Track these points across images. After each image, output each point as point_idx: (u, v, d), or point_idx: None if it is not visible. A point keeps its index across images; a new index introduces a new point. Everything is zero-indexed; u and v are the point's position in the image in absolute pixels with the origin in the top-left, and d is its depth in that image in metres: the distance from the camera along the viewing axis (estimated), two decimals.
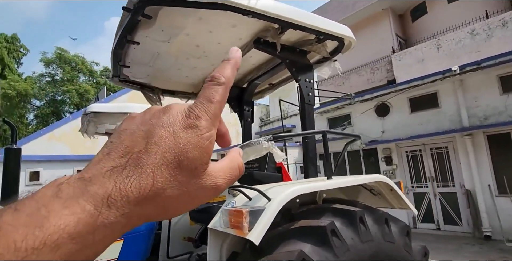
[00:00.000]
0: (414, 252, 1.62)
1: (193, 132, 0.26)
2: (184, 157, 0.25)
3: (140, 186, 0.23)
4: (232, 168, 0.31)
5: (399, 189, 1.80)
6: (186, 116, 0.27)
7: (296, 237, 1.25)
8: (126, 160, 0.24)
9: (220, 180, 0.28)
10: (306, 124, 2.02)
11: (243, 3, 1.52)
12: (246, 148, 1.45)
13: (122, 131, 0.27)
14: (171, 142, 0.25)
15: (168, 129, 0.26)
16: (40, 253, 0.19)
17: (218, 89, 0.29)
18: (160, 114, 0.28)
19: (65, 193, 0.22)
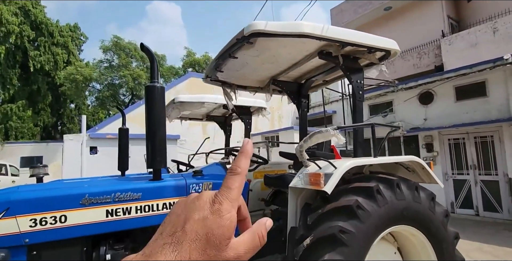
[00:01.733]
0: (437, 214, 2.23)
1: (217, 214, 0.35)
2: (211, 234, 0.33)
3: (180, 258, 0.31)
4: (253, 240, 0.37)
5: (429, 168, 2.38)
6: (213, 202, 0.36)
7: (352, 192, 1.94)
8: (171, 239, 0.33)
9: (242, 252, 0.35)
10: (357, 117, 2.63)
11: (317, 33, 2.15)
12: (317, 134, 2.14)
13: (172, 213, 0.37)
14: (202, 222, 0.34)
15: (200, 213, 0.35)
16: None
17: (236, 178, 0.38)
18: (195, 200, 0.37)
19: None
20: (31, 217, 1.68)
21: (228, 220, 0.34)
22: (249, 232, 0.37)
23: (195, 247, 0.32)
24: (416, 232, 2.11)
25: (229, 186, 0.37)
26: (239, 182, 0.38)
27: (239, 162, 0.40)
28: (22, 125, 21.46)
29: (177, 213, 0.36)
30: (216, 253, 0.32)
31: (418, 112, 8.04)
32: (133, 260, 0.32)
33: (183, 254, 0.31)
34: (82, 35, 27.20)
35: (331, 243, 1.74)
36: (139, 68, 23.33)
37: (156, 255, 0.31)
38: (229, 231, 0.34)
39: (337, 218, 1.82)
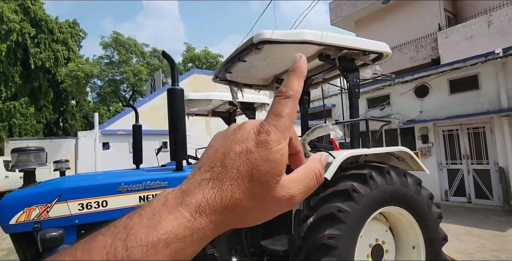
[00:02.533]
0: (422, 197, 2.56)
1: (264, 146, 0.29)
2: (255, 171, 0.28)
3: (221, 197, 0.28)
4: (308, 178, 0.32)
5: (417, 157, 2.70)
6: (258, 132, 0.30)
7: (348, 178, 2.26)
8: (210, 174, 0.29)
9: (295, 191, 0.30)
10: (353, 113, 2.94)
11: (317, 40, 2.44)
12: (318, 128, 2.45)
13: (210, 147, 0.33)
14: (245, 157, 0.29)
15: (242, 146, 0.30)
16: (157, 248, 0.25)
17: (287, 102, 0.31)
18: (236, 131, 0.32)
19: (170, 202, 0.28)
20: (79, 202, 2.01)
21: (278, 154, 0.29)
22: (303, 168, 0.33)
23: (237, 185, 0.28)
24: (404, 212, 2.44)
25: (278, 113, 0.31)
26: (291, 107, 0.31)
27: (291, 83, 0.32)
28: (25, 123, 21.74)
29: (215, 146, 0.32)
30: (263, 192, 0.29)
31: (414, 105, 8.35)
32: (170, 194, 0.29)
33: (223, 193, 0.28)
34: (81, 31, 27.24)
35: (330, 220, 2.08)
36: (139, 63, 23.49)
37: (193, 191, 0.28)
38: (278, 166, 0.29)
39: (335, 199, 2.15)
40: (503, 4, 10.66)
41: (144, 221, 0.26)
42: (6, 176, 13.29)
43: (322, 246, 2.01)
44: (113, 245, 0.25)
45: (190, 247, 0.27)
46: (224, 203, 0.28)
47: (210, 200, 0.28)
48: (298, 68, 0.34)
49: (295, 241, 2.21)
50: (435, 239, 2.54)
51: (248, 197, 0.28)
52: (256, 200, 0.29)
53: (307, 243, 2.09)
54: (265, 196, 0.29)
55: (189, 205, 0.27)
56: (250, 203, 0.29)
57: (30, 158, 2.00)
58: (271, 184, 0.29)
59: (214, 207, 0.28)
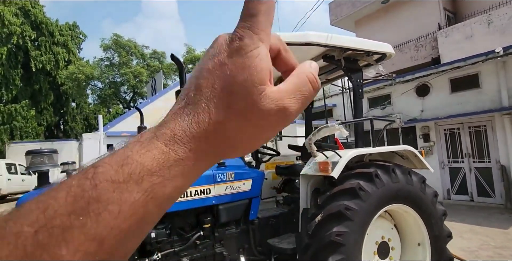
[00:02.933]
0: (427, 195, 2.60)
1: (237, 53, 0.25)
2: (232, 83, 0.24)
3: (198, 121, 0.24)
4: (300, 83, 0.27)
5: (421, 155, 2.75)
6: (230, 41, 0.25)
7: (355, 177, 2.30)
8: (185, 101, 0.26)
9: (288, 101, 0.25)
10: (357, 113, 2.98)
11: (322, 41, 2.49)
12: (324, 128, 2.49)
13: (191, 77, 0.28)
14: (219, 71, 0.25)
15: (214, 60, 0.25)
16: (128, 184, 0.22)
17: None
18: (209, 48, 0.27)
19: (144, 137, 0.25)
20: None
21: (256, 58, 0.25)
22: (293, 75, 0.28)
23: (214, 104, 0.25)
24: (409, 210, 2.48)
25: (250, 12, 0.26)
26: (266, 3, 0.26)
27: None
28: (26, 125, 21.79)
29: (195, 73, 0.27)
30: (246, 107, 0.25)
31: (415, 104, 8.39)
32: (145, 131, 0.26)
33: (200, 116, 0.24)
34: (81, 33, 27.34)
35: (338, 218, 2.12)
36: (140, 65, 23.55)
37: (168, 122, 0.25)
38: (259, 73, 0.25)
39: (342, 198, 2.19)
40: (502, 3, 10.71)
41: (114, 158, 0.24)
42: (9, 178, 13.32)
43: (330, 243, 2.05)
44: (79, 185, 0.22)
45: (170, 181, 0.24)
46: (202, 128, 0.24)
47: (185, 127, 0.24)
48: None
49: (303, 239, 2.25)
50: (440, 236, 2.58)
51: (229, 116, 0.25)
52: (239, 119, 0.25)
53: (315, 240, 2.13)
54: (250, 112, 0.25)
55: (163, 136, 0.24)
56: (233, 123, 0.25)
57: (44, 159, 2.04)
58: (253, 96, 0.25)
59: (191, 133, 0.24)
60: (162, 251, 2.28)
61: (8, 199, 13.89)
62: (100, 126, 6.58)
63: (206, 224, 2.45)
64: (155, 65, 24.35)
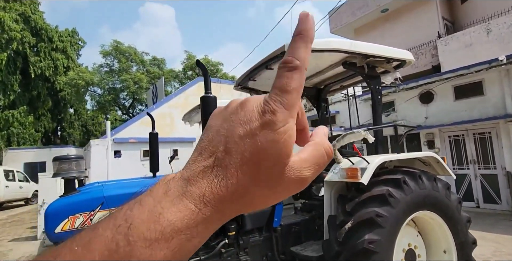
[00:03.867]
0: (452, 201, 2.59)
1: (269, 127, 0.26)
2: (262, 155, 0.26)
3: (227, 185, 0.26)
4: (318, 156, 0.29)
5: (443, 161, 2.75)
6: (262, 112, 0.27)
7: (383, 183, 2.29)
8: (213, 160, 0.27)
9: (306, 172, 0.28)
10: (377, 120, 2.99)
11: (346, 47, 2.50)
12: (349, 134, 2.49)
13: (209, 128, 0.29)
14: (249, 140, 0.26)
15: (246, 127, 0.27)
16: (160, 242, 0.24)
17: (293, 75, 0.27)
18: (238, 110, 0.28)
19: (172, 191, 0.26)
20: None
21: (285, 134, 0.27)
22: (312, 145, 0.30)
23: (243, 171, 0.26)
24: (435, 216, 2.47)
25: (283, 87, 0.27)
26: (298, 80, 0.28)
27: (296, 50, 0.28)
28: (24, 131, 21.56)
29: (215, 127, 0.29)
30: (271, 177, 0.27)
31: (419, 111, 8.46)
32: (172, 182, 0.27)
33: (229, 180, 0.26)
34: (80, 40, 27.40)
35: (369, 225, 2.10)
36: (139, 72, 23.56)
37: (196, 180, 0.26)
38: (287, 148, 0.27)
39: (372, 204, 2.17)
40: (501, 13, 10.95)
41: (146, 214, 0.25)
42: (6, 186, 13.12)
43: (363, 250, 2.02)
44: (114, 240, 0.23)
45: (195, 238, 0.26)
46: (230, 191, 0.26)
47: (215, 189, 0.26)
48: (305, 30, 0.29)
49: (332, 246, 2.22)
50: (466, 243, 2.56)
51: (255, 183, 0.26)
52: (264, 186, 0.27)
53: (346, 248, 2.11)
54: (274, 181, 0.27)
55: (192, 196, 0.26)
56: (258, 189, 0.27)
57: (72, 166, 2.01)
58: (279, 168, 0.27)
59: (219, 196, 0.26)
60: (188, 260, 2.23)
61: (5, 206, 13.64)
62: (108, 132, 6.53)
63: (231, 232, 2.41)
64: (155, 72, 24.37)
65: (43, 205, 7.05)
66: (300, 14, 0.29)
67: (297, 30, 0.29)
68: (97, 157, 6.26)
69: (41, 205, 7.07)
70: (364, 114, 9.89)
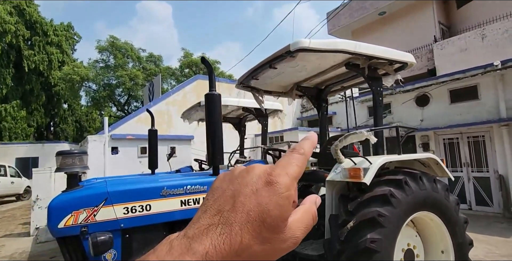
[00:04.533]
0: (451, 202, 2.64)
1: (274, 190, 0.29)
2: (267, 215, 0.28)
3: (230, 243, 0.27)
4: (308, 219, 0.33)
5: (442, 163, 2.79)
6: (268, 175, 0.30)
7: (385, 184, 2.32)
8: (218, 218, 0.28)
9: (298, 232, 0.31)
10: (378, 121, 3.02)
11: (351, 49, 2.53)
12: (352, 135, 2.51)
13: (215, 188, 0.32)
14: (255, 200, 0.29)
15: (252, 188, 0.30)
16: None
17: (299, 157, 0.33)
18: (245, 174, 0.32)
19: (175, 249, 0.27)
20: (124, 206, 2.00)
21: (287, 200, 0.30)
22: (302, 210, 0.33)
23: (247, 230, 0.28)
24: (434, 217, 2.51)
25: (290, 161, 0.32)
26: (302, 162, 0.33)
27: (304, 145, 0.35)
28: (16, 126, 21.22)
29: (221, 188, 0.32)
30: (273, 236, 0.29)
31: (415, 114, 8.56)
32: (175, 241, 0.28)
33: (233, 238, 0.27)
34: (76, 34, 27.05)
35: (371, 224, 2.12)
36: (135, 68, 23.38)
37: (200, 238, 0.27)
38: (287, 212, 0.30)
39: (374, 204, 2.20)
40: (496, 19, 11.14)
41: None
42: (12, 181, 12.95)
43: (365, 250, 2.05)
44: None
45: None
46: (233, 249, 0.27)
47: (218, 247, 0.27)
48: (312, 138, 0.37)
49: (334, 245, 2.24)
50: (463, 243, 2.61)
51: (258, 241, 0.28)
52: (265, 244, 0.28)
53: (348, 247, 2.13)
54: (274, 240, 0.29)
55: (195, 253, 0.26)
56: (259, 247, 0.28)
57: (75, 161, 1.99)
58: (280, 228, 0.29)
59: (222, 253, 0.26)
60: None
61: None
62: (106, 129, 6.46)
63: None
64: (152, 69, 24.21)
65: (36, 201, 6.96)
66: (310, 132, 0.39)
67: (306, 136, 0.38)
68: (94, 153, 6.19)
69: (34, 201, 6.97)
70: (361, 116, 9.97)
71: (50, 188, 6.97)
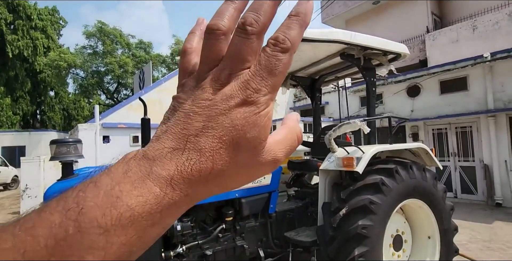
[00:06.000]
0: (438, 190, 2.73)
1: (250, 109, 0.25)
2: (242, 138, 0.25)
3: (200, 169, 0.24)
4: (291, 139, 0.30)
5: (432, 153, 2.87)
6: (244, 88, 0.25)
7: (376, 172, 2.38)
8: (184, 143, 0.24)
9: (280, 153, 0.28)
10: (371, 111, 3.06)
11: (347, 39, 2.53)
12: (345, 125, 2.55)
13: (177, 105, 0.27)
14: (228, 123, 0.25)
15: (223, 109, 0.25)
16: (116, 228, 0.21)
17: (282, 57, 0.25)
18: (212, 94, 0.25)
19: (134, 171, 0.23)
20: None
21: (265, 117, 0.26)
22: (285, 129, 0.30)
23: (220, 155, 0.24)
24: (423, 205, 2.61)
25: (270, 70, 0.25)
26: (286, 64, 0.26)
27: (291, 31, 0.26)
28: (0, 114, 20.65)
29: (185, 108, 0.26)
30: (248, 159, 0.26)
31: (405, 104, 8.69)
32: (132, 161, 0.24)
33: (203, 164, 0.24)
34: (61, 19, 26.07)
35: (363, 212, 2.19)
36: (125, 55, 22.81)
37: (163, 162, 0.24)
38: (265, 131, 0.26)
39: (366, 192, 2.26)
40: (487, 10, 11.22)
41: (101, 197, 0.22)
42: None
43: (356, 235, 2.12)
44: (62, 225, 0.21)
45: (158, 224, 0.24)
46: (204, 175, 0.24)
47: (185, 173, 0.24)
48: (304, 14, 0.27)
49: (326, 231, 2.31)
50: (449, 229, 2.73)
51: (231, 166, 0.25)
52: (240, 168, 0.26)
53: (340, 233, 2.20)
54: (250, 162, 0.27)
55: (158, 178, 0.23)
56: (234, 171, 0.26)
57: (70, 149, 1.97)
58: (257, 150, 0.26)
59: (190, 180, 0.24)
60: (186, 244, 2.28)
61: None
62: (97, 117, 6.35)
63: (228, 217, 2.46)
64: (142, 56, 23.64)
65: (26, 190, 6.88)
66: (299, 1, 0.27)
67: (295, 11, 0.27)
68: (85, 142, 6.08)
69: (23, 190, 6.89)
70: (353, 106, 10.06)
71: (39, 177, 6.88)
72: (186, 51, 0.31)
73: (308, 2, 0.27)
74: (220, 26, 0.26)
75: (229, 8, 0.27)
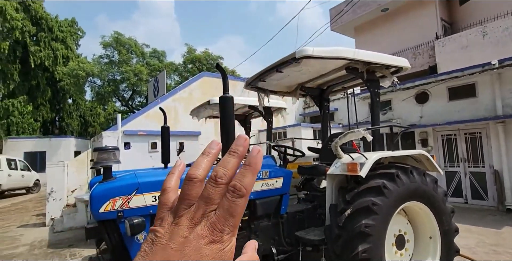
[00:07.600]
0: (438, 194, 2.94)
1: (217, 247, 0.30)
2: None
3: None
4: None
5: (433, 159, 3.09)
6: (210, 232, 0.30)
7: (379, 177, 2.62)
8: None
9: None
10: (375, 120, 3.31)
11: (350, 56, 2.80)
12: (350, 133, 2.80)
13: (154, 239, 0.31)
14: (198, 259, 0.29)
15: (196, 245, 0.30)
16: None
17: (239, 202, 0.31)
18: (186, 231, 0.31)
19: None
20: (153, 195, 2.32)
21: (229, 252, 0.31)
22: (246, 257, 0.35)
23: None
24: (423, 207, 2.82)
25: (230, 212, 0.31)
26: (242, 207, 0.32)
27: (245, 179, 0.32)
28: (23, 121, 21.63)
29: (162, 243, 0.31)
30: None
31: (414, 111, 8.81)
32: None
33: None
34: (80, 30, 27.26)
35: (366, 212, 2.43)
36: (139, 64, 23.62)
37: None
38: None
39: (369, 195, 2.50)
40: (497, 16, 11.26)
41: None
42: (9, 174, 13.34)
43: (360, 233, 2.36)
44: None
45: None
46: None
47: None
48: (255, 163, 0.33)
49: (333, 230, 2.55)
50: (449, 230, 2.92)
51: None
52: None
53: (345, 231, 2.44)
54: None
55: None
56: None
57: (110, 156, 2.30)
58: None
59: None
60: None
61: (6, 194, 13.88)
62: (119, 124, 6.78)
63: (243, 217, 2.74)
64: (155, 64, 24.44)
65: (51, 193, 7.34)
66: (253, 149, 0.34)
67: (247, 162, 0.33)
68: None
69: (49, 193, 7.35)
70: (362, 112, 10.22)
71: (63, 181, 7.34)
72: (166, 190, 0.37)
73: (257, 155, 0.34)
74: (197, 175, 0.34)
75: (205, 160, 0.35)
